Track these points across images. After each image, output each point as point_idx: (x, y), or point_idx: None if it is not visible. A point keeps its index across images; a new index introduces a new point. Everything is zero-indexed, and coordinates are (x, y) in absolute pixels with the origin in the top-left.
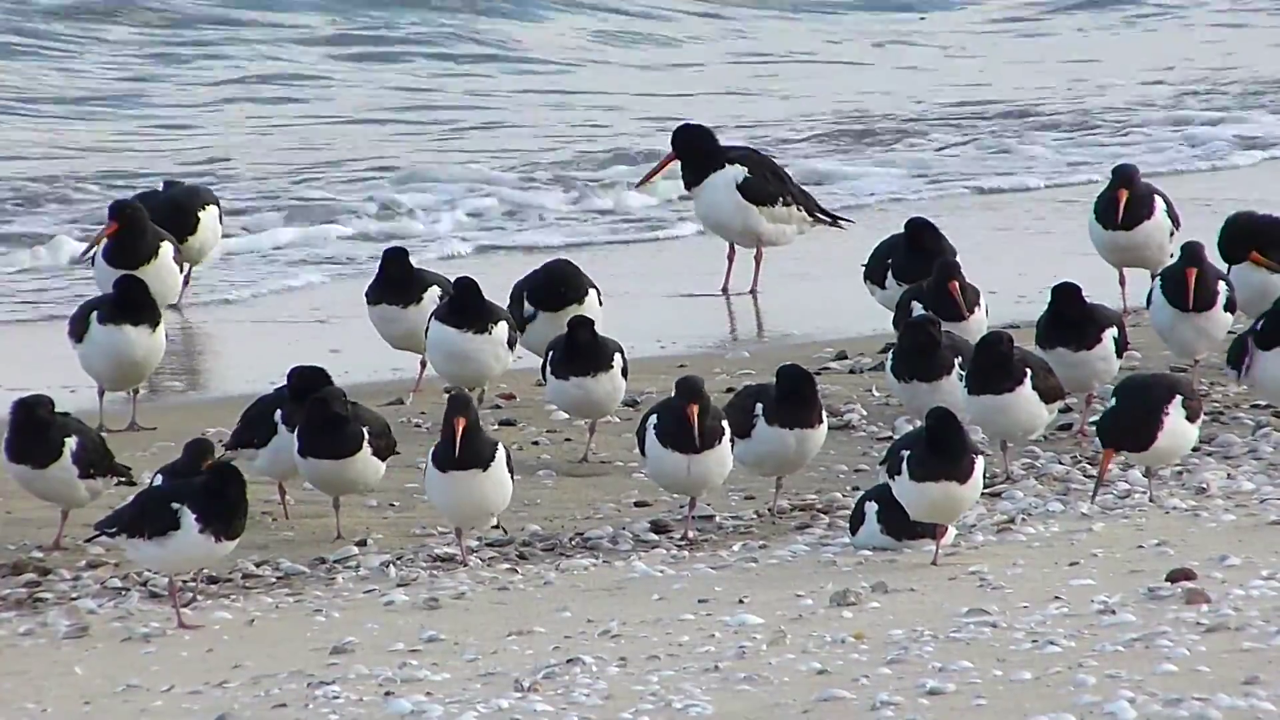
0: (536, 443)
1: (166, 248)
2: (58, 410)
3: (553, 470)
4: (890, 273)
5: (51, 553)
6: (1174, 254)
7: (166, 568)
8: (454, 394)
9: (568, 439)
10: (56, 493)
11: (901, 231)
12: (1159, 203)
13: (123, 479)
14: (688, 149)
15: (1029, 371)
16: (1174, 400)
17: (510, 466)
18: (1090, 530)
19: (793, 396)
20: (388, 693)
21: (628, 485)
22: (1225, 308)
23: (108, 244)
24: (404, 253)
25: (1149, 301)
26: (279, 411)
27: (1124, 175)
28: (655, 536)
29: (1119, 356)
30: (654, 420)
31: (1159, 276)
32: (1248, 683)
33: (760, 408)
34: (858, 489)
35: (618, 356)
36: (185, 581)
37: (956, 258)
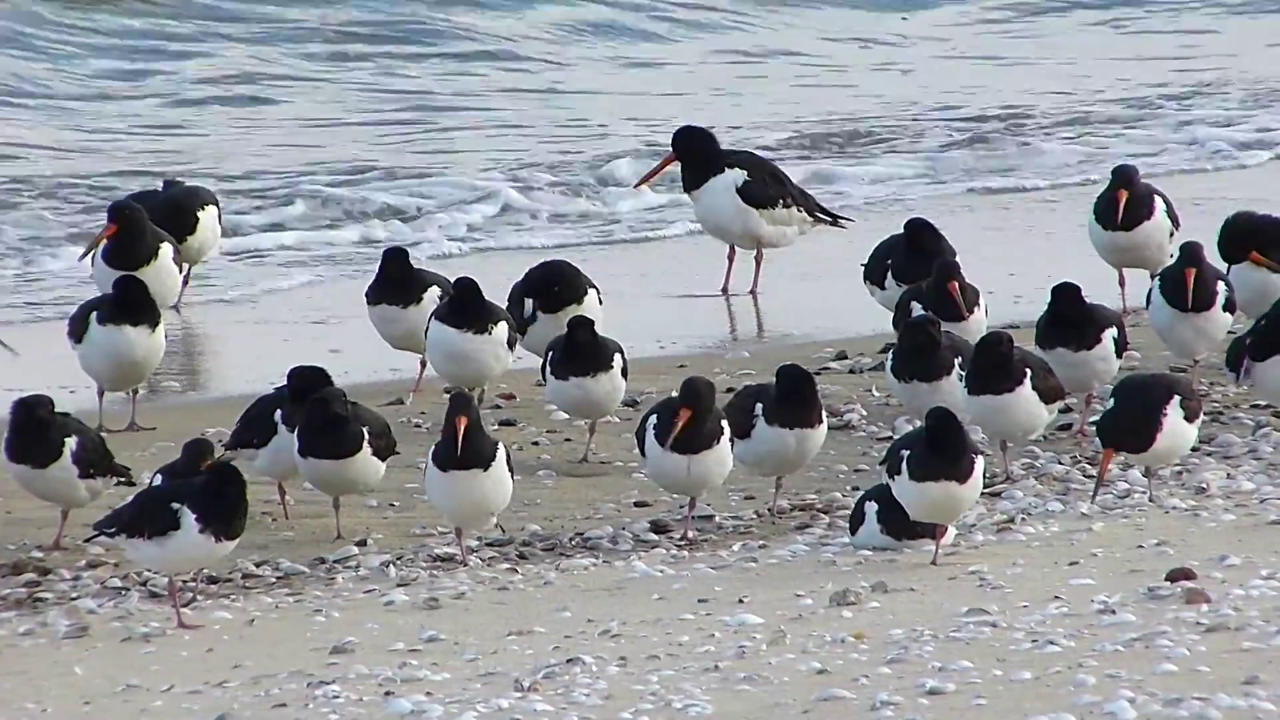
0: (536, 443)
1: (166, 248)
2: (58, 410)
3: (553, 470)
4: (890, 273)
5: (51, 553)
6: (1173, 254)
7: (166, 568)
8: (456, 393)
9: (568, 439)
10: (56, 493)
11: (901, 232)
12: (1159, 203)
13: (122, 479)
14: (688, 151)
15: (1029, 372)
16: (1173, 400)
17: (510, 466)
18: (1090, 530)
19: (793, 396)
20: (388, 693)
21: (628, 485)
22: (1224, 308)
23: (107, 245)
24: (404, 253)
25: (1148, 302)
26: (279, 411)
27: (1124, 176)
28: (655, 536)
29: (1119, 357)
30: (654, 420)
31: (1158, 277)
32: (1248, 683)
33: (760, 408)
34: (858, 489)
35: (617, 357)
36: (185, 581)
37: (956, 258)
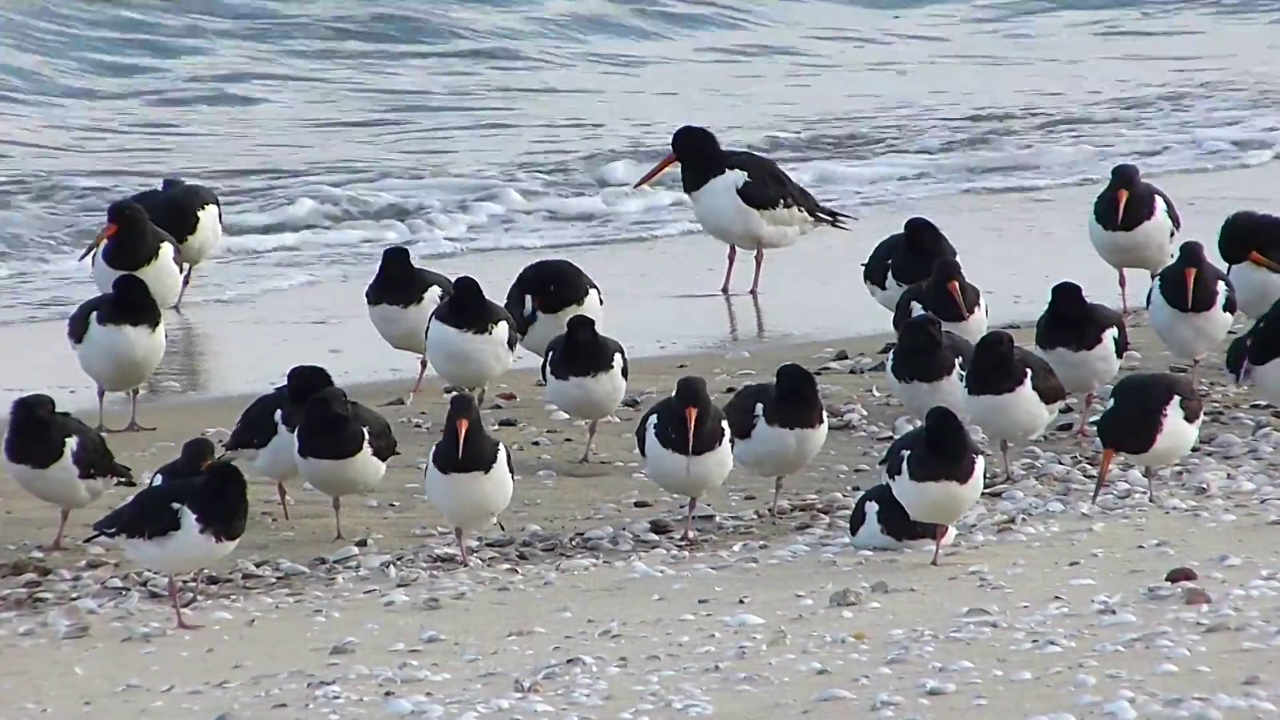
0: (537, 443)
1: (166, 248)
2: (58, 410)
3: (553, 470)
4: (890, 273)
5: (51, 553)
6: (1174, 254)
7: (167, 568)
8: (457, 396)
9: (568, 439)
10: (57, 493)
11: (901, 232)
12: (1159, 203)
13: (122, 479)
14: (688, 152)
15: (1029, 372)
16: (1173, 401)
17: (511, 467)
18: (1090, 530)
19: (793, 396)
20: (388, 693)
21: (628, 485)
22: (1224, 308)
23: (107, 245)
24: (404, 253)
25: (1148, 302)
26: (279, 412)
27: (1124, 176)
28: (655, 537)
29: (1119, 357)
30: (654, 420)
31: (1158, 277)
32: (1248, 683)
33: (760, 408)
34: (858, 489)
35: (618, 356)
36: (185, 581)
37: (956, 258)
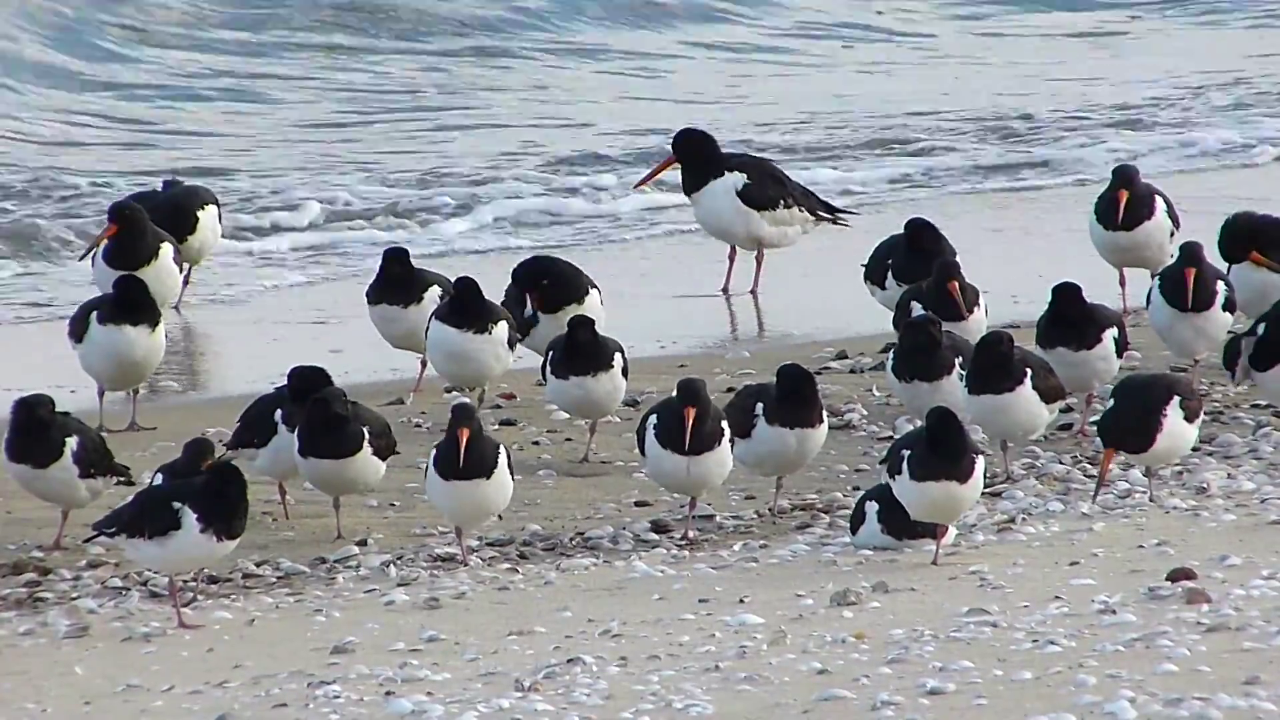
0: (537, 443)
1: (166, 249)
2: (58, 410)
3: (553, 470)
4: (890, 273)
5: (52, 553)
6: (1174, 254)
7: (167, 567)
8: (458, 404)
9: (568, 439)
10: (57, 493)
11: (901, 232)
12: (1159, 203)
13: (122, 479)
14: (688, 153)
15: (1029, 371)
16: (1173, 401)
17: (511, 468)
18: (1091, 530)
19: (793, 396)
20: (388, 692)
21: (628, 485)
22: (1224, 308)
23: (107, 245)
24: (404, 252)
25: (1148, 302)
26: (279, 411)
27: (1124, 176)
28: (656, 536)
29: (1119, 356)
30: (654, 420)
31: (1158, 277)
32: (1248, 683)
33: (761, 407)
34: (858, 489)
35: (618, 356)
36: (185, 581)
37: (956, 258)
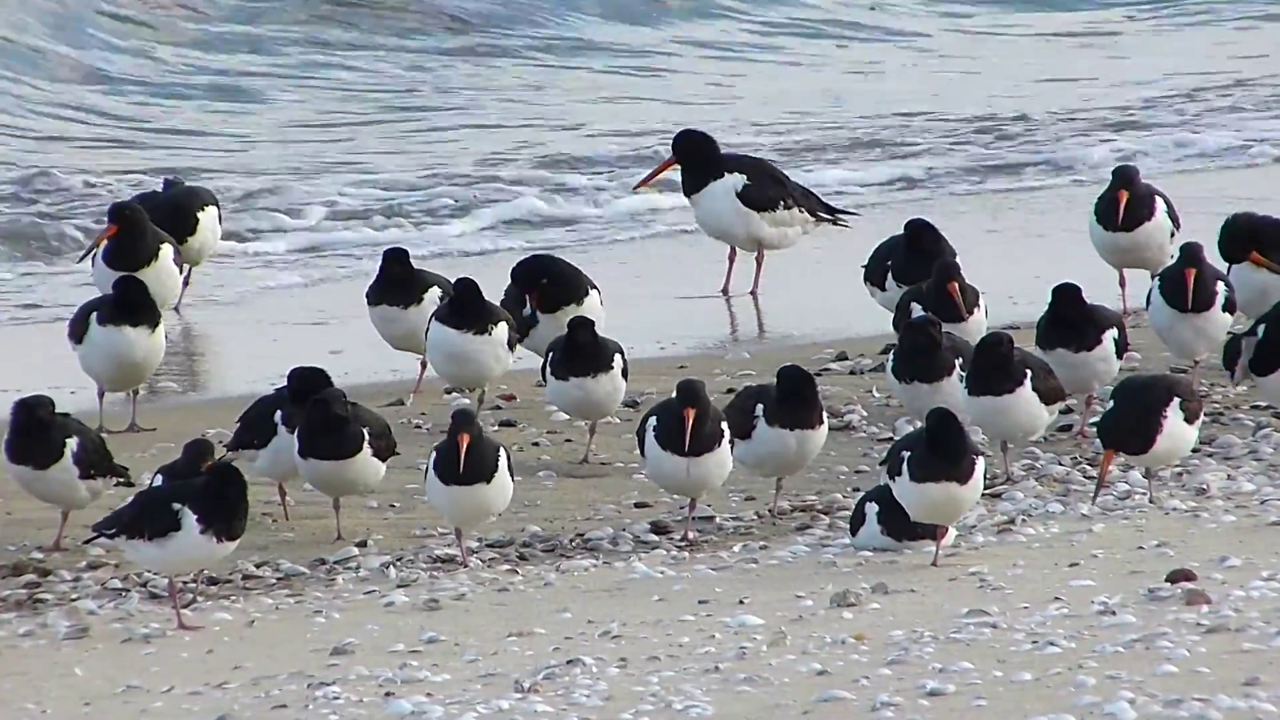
0: (537, 444)
1: (166, 249)
2: (58, 411)
3: (553, 471)
4: (890, 274)
5: (51, 554)
6: (1174, 255)
7: (167, 568)
8: (458, 410)
9: (568, 440)
10: (57, 494)
11: (901, 233)
12: (1159, 203)
13: (121, 479)
14: (687, 155)
15: (1029, 373)
16: (1173, 402)
17: (511, 469)
18: (1090, 531)
19: (793, 397)
20: (388, 694)
21: (628, 486)
22: (1224, 308)
23: (107, 246)
24: (404, 253)
25: (1148, 302)
26: (279, 412)
27: (1124, 176)
28: (655, 537)
29: (1119, 358)
30: (654, 422)
31: (1158, 277)
32: (1248, 684)
33: (761, 409)
34: (858, 490)
35: (618, 357)
36: (185, 582)
37: (956, 258)
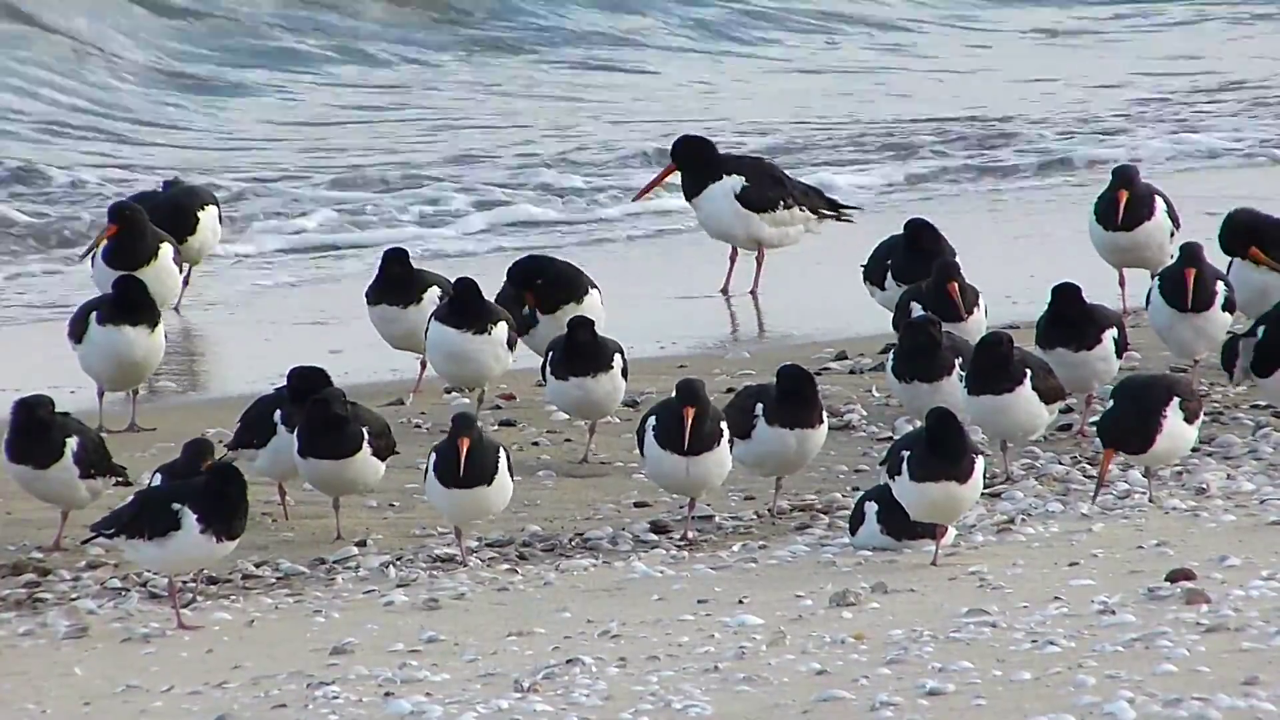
0: (536, 443)
1: (166, 249)
2: (58, 410)
3: (552, 471)
4: (889, 273)
5: (51, 553)
6: (1174, 254)
7: (167, 568)
8: (458, 414)
9: (568, 439)
10: (57, 493)
11: (900, 232)
12: (1159, 203)
13: (119, 479)
14: (687, 159)
15: (1029, 372)
16: (1172, 401)
17: (510, 469)
18: (1090, 531)
19: (793, 397)
20: (387, 693)
21: (627, 486)
22: (1224, 308)
23: (107, 245)
24: (404, 253)
25: (1148, 302)
26: (278, 412)
27: (1124, 176)
28: (655, 537)
29: (1119, 357)
30: (653, 421)
31: (1158, 277)
32: (1247, 683)
33: (761, 408)
34: (858, 489)
35: (617, 357)
36: (185, 582)
37: (955, 258)
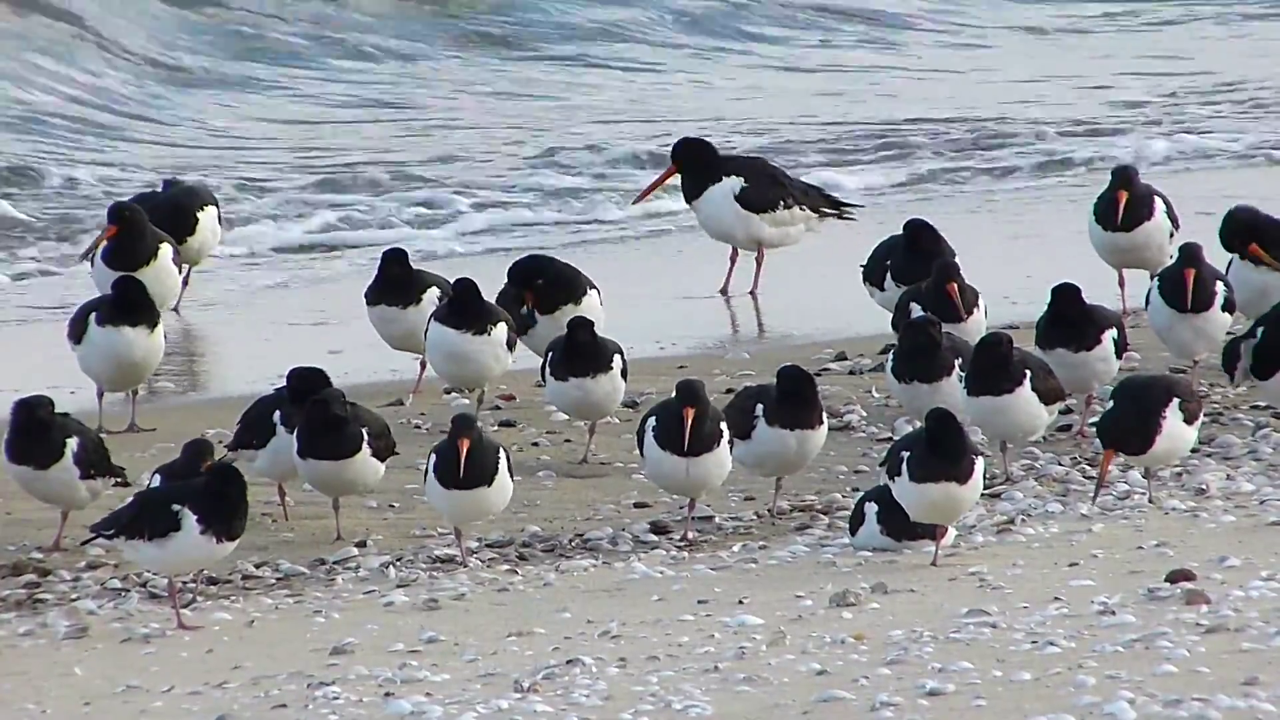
0: (536, 444)
1: (166, 249)
2: (58, 411)
3: (552, 471)
4: (889, 274)
5: (51, 554)
6: (1173, 255)
7: (167, 569)
8: (458, 415)
9: (567, 440)
10: (57, 494)
11: (900, 233)
12: (1159, 204)
13: (118, 480)
14: (687, 161)
15: (1028, 373)
16: (1172, 402)
17: (510, 470)
18: (1090, 531)
19: (793, 397)
20: (387, 693)
21: (627, 486)
22: (1223, 308)
23: (107, 246)
24: (403, 253)
25: (1148, 302)
26: (278, 413)
27: (1123, 176)
28: (655, 537)
29: (1118, 357)
30: (653, 422)
31: (1157, 278)
32: (1247, 683)
33: (761, 409)
34: (857, 490)
35: (617, 358)
36: (185, 582)
37: (955, 258)
